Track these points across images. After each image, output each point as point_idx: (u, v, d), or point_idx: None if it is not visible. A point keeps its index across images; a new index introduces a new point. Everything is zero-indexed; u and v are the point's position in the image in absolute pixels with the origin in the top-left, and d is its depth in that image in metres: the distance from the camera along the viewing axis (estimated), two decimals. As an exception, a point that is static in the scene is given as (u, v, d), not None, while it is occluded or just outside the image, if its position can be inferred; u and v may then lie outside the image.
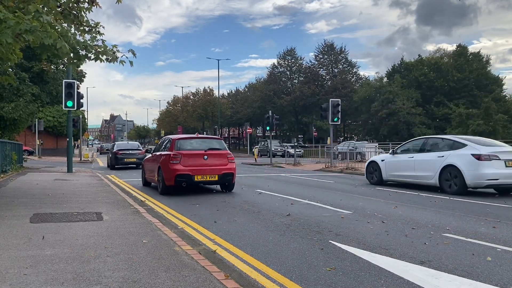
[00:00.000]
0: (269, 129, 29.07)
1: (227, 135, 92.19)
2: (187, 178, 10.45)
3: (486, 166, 10.22)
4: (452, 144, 11.32)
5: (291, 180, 15.40)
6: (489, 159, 10.25)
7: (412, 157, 12.14)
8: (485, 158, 10.26)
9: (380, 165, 13.29)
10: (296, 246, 5.22)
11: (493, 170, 10.21)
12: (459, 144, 11.12)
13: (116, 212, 7.26)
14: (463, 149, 10.84)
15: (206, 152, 10.87)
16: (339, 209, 8.22)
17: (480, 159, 10.28)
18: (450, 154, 10.99)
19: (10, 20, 6.06)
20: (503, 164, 10.27)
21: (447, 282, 3.88)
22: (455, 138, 11.64)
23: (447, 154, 11.08)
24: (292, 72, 63.21)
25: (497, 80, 52.28)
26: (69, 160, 18.19)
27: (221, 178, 10.80)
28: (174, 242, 5.04)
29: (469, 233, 5.99)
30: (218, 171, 10.75)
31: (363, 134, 55.26)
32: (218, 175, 10.74)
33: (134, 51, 8.41)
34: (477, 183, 10.38)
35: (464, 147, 10.90)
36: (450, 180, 10.83)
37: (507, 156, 10.41)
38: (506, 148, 10.96)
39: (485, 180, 10.26)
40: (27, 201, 8.35)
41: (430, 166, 11.41)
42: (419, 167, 11.80)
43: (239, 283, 3.58)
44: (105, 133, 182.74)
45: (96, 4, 8.68)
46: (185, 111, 58.53)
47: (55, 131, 43.87)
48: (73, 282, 3.50)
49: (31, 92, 23.60)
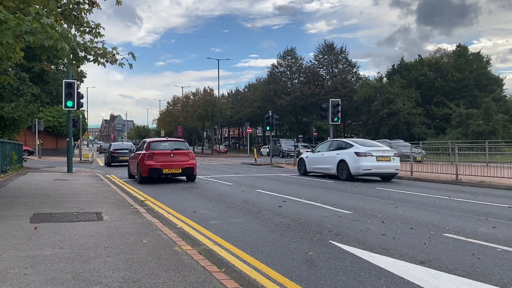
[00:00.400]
0: (269, 129, 29.08)
1: (227, 135, 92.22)
2: (157, 171, 13.54)
3: (363, 160, 14.26)
4: (345, 145, 15.48)
5: (291, 180, 15.40)
6: (365, 156, 14.30)
7: (323, 155, 16.28)
8: (363, 155, 14.32)
9: (305, 160, 17.32)
10: (296, 246, 5.23)
11: (367, 163, 14.27)
12: (348, 145, 15.27)
13: (116, 212, 7.26)
14: (350, 149, 14.85)
15: (172, 151, 14.03)
16: (339, 209, 8.22)
17: (359, 156, 14.33)
18: (343, 152, 15.05)
19: (10, 21, 6.06)
20: (375, 159, 14.43)
21: (447, 282, 3.88)
22: (347, 141, 16.17)
23: (341, 152, 15.16)
24: (292, 72, 63.15)
25: (497, 80, 52.25)
26: (69, 160, 18.20)
27: (184, 170, 13.87)
28: (174, 242, 5.04)
29: (469, 233, 5.99)
30: (181, 165, 13.82)
31: (363, 134, 55.20)
32: (181, 169, 13.83)
33: (133, 53, 8.42)
34: (357, 172, 14.41)
35: (352, 147, 14.90)
36: (342, 170, 14.86)
37: (378, 153, 14.52)
38: (379, 148, 15.00)
39: (362, 170, 14.33)
40: (27, 201, 8.35)
41: (331, 161, 15.48)
42: (326, 161, 15.90)
43: (239, 283, 3.58)
44: (105, 133, 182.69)
45: (96, 5, 8.69)
46: (185, 111, 58.39)
47: (55, 131, 43.88)
48: (73, 282, 3.51)
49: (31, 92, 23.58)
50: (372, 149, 14.74)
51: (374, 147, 15.01)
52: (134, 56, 8.43)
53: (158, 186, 12.95)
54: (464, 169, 15.29)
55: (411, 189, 12.08)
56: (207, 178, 16.10)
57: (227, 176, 17.16)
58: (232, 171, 20.30)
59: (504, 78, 55.62)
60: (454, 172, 15.14)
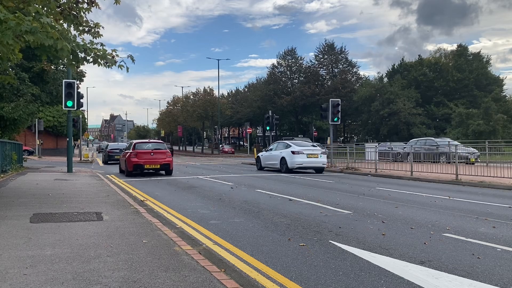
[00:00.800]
0: (269, 129, 29.10)
1: (227, 135, 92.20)
2: (140, 166, 16.65)
3: (297, 157, 18.45)
4: (286, 145, 19.54)
5: (291, 180, 15.39)
6: (298, 153, 18.49)
7: (271, 153, 20.37)
8: (297, 153, 18.50)
9: (260, 158, 21.40)
10: (296, 246, 5.22)
11: (300, 159, 18.42)
12: (288, 145, 19.42)
13: (116, 212, 7.26)
14: (288, 149, 19.02)
15: (153, 150, 17.14)
16: (339, 209, 8.22)
17: (294, 154, 18.53)
18: (284, 151, 19.18)
19: (10, 20, 6.06)
20: (305, 156, 18.51)
21: (447, 282, 3.87)
22: (287, 142, 20.23)
23: (283, 151, 19.30)
24: (292, 72, 63.10)
25: (497, 80, 52.27)
26: (69, 160, 18.20)
27: (162, 166, 16.92)
28: (174, 242, 5.04)
29: (469, 233, 5.99)
30: (160, 162, 16.87)
31: (363, 134, 55.23)
32: (160, 165, 16.86)
33: (132, 56, 8.42)
34: (292, 166, 18.50)
35: (290, 147, 19.07)
36: (283, 165, 18.95)
37: (308, 152, 18.64)
38: (309, 148, 19.21)
39: (296, 164, 18.45)
40: (27, 201, 8.35)
41: (277, 158, 19.58)
42: (273, 158, 19.96)
43: (239, 283, 3.58)
44: (105, 133, 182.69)
45: (95, 5, 8.69)
46: (185, 111, 58.38)
47: (55, 131, 43.84)
48: (73, 282, 3.50)
49: (31, 92, 23.54)
50: (304, 148, 18.90)
51: (306, 147, 19.19)
52: (133, 59, 8.44)
53: (158, 186, 12.95)
54: (464, 169, 15.29)
55: (411, 189, 12.08)
56: (207, 178, 16.10)
57: (227, 176, 17.16)
58: (232, 171, 20.30)
59: (504, 78, 55.62)
60: (454, 172, 15.14)
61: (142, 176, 16.82)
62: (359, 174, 18.74)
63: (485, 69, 52.42)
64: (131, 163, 16.56)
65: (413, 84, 52.02)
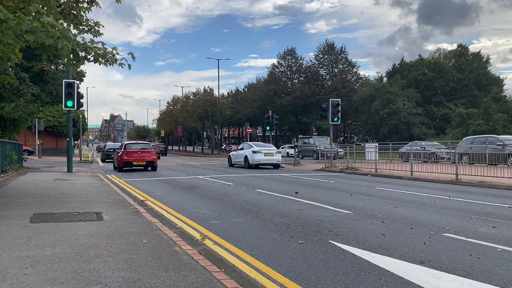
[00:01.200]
0: (269, 129, 29.10)
1: (227, 135, 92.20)
2: (129, 163, 20.03)
3: (256, 155, 22.10)
4: (249, 146, 23.34)
5: (290, 180, 15.40)
6: (257, 153, 22.16)
7: (238, 152, 24.23)
8: (256, 152, 22.20)
9: (231, 156, 25.30)
10: (296, 246, 5.22)
11: (258, 157, 22.10)
12: (250, 146, 23.34)
13: (116, 212, 7.26)
14: (251, 148, 22.75)
15: (140, 150, 20.64)
16: (339, 209, 8.22)
17: (254, 153, 22.20)
18: (247, 151, 22.90)
19: (10, 20, 6.06)
20: (263, 154, 22.21)
21: (447, 282, 3.88)
22: (249, 143, 24.36)
23: (246, 151, 23.02)
24: (292, 72, 63.11)
25: (497, 80, 52.26)
26: (69, 160, 18.19)
27: (147, 163, 20.31)
28: (174, 242, 5.04)
29: (469, 233, 5.99)
30: (146, 159, 20.26)
31: (363, 134, 55.24)
32: (146, 161, 20.24)
33: (133, 54, 8.41)
34: (253, 163, 22.11)
35: (252, 147, 22.85)
36: (246, 162, 22.63)
37: (265, 151, 22.39)
38: (267, 148, 23.16)
39: (255, 161, 22.06)
40: (27, 201, 8.35)
41: (242, 156, 23.32)
42: (240, 157, 23.72)
43: (239, 283, 3.58)
44: (105, 133, 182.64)
45: (96, 4, 8.69)
46: (185, 111, 58.35)
47: (55, 131, 43.81)
48: (73, 282, 3.50)
49: (31, 92, 23.57)
50: (262, 149, 22.77)
51: (264, 147, 23.24)
52: (133, 57, 8.42)
53: (158, 186, 12.96)
54: (464, 169, 15.29)
55: (411, 189, 12.08)
56: (207, 178, 16.11)
57: (227, 176, 17.17)
58: (232, 171, 20.30)
59: (504, 78, 55.61)
60: (454, 172, 15.14)
61: (142, 176, 16.99)
62: (359, 174, 18.75)
63: (485, 69, 52.44)
64: (122, 161, 19.92)
65: (413, 84, 52.04)
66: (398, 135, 45.37)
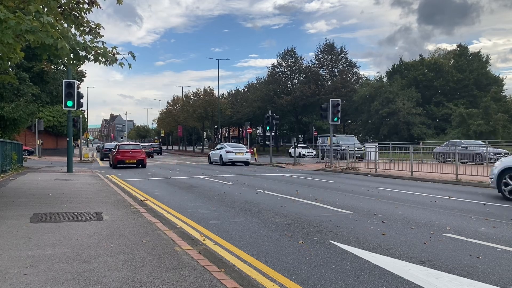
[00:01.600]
0: (269, 129, 29.10)
1: (227, 135, 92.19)
2: (122, 161, 23.06)
3: (228, 155, 25.75)
4: (224, 146, 27.21)
5: (291, 180, 15.40)
6: (230, 152, 25.82)
7: (216, 152, 27.78)
8: (229, 152, 25.87)
9: (210, 155, 29.05)
10: (296, 246, 5.23)
11: (231, 156, 25.72)
12: (225, 146, 27.30)
13: (116, 212, 7.26)
14: (224, 149, 26.55)
15: (131, 150, 23.74)
16: (339, 209, 8.22)
17: (227, 152, 25.87)
18: (222, 151, 26.64)
19: (10, 20, 6.06)
20: (234, 154, 25.78)
21: (447, 282, 3.88)
22: (225, 144, 28.60)
23: (221, 150, 26.84)
24: (292, 72, 63.04)
25: (497, 80, 52.21)
26: (69, 160, 18.18)
27: (138, 161, 23.33)
28: (174, 242, 5.04)
29: (469, 233, 5.99)
30: (136, 158, 23.32)
31: (363, 134, 55.19)
32: (136, 160, 23.26)
33: (133, 53, 8.40)
34: (226, 161, 25.71)
35: (226, 148, 26.74)
36: (220, 160, 26.28)
37: (237, 151, 26.05)
38: (238, 148, 26.93)
39: (228, 160, 25.67)
40: (27, 201, 8.35)
41: (218, 155, 27.06)
42: (216, 155, 27.47)
43: (239, 283, 3.58)
44: (105, 133, 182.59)
45: (96, 5, 8.68)
46: (185, 111, 58.34)
47: (55, 131, 43.81)
48: (73, 282, 3.51)
49: (31, 92, 23.61)
50: (234, 148, 26.50)
51: (235, 148, 26.95)
52: (134, 56, 8.41)
53: (158, 186, 12.96)
54: (464, 169, 15.29)
55: (411, 189, 12.08)
56: (207, 178, 16.11)
57: (227, 175, 17.17)
58: (232, 171, 20.30)
59: (504, 78, 55.59)
60: (454, 172, 15.14)
61: (142, 176, 17.08)
62: (359, 174, 18.75)
63: (485, 69, 52.37)
64: (116, 159, 23.23)
65: (413, 84, 52.00)
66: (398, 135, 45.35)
